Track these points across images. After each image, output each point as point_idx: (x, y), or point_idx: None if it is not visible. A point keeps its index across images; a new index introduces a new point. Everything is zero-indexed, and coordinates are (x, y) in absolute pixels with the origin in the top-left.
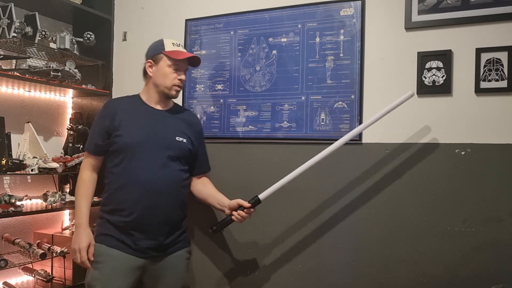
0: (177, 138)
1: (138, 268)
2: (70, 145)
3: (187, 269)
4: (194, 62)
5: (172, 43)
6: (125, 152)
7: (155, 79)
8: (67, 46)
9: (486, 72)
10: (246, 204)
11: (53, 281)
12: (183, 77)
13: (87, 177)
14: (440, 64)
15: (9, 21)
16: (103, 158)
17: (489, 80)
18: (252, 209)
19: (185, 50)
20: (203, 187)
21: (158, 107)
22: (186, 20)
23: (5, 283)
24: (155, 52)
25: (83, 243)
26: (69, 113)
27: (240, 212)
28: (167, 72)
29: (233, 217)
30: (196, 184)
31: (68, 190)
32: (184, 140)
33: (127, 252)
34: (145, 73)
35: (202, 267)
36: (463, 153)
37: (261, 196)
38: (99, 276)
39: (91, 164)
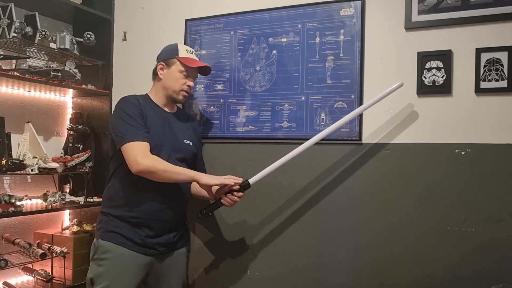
0: (185, 141)
1: (145, 266)
2: (70, 145)
3: (187, 266)
4: (204, 71)
5: (186, 50)
6: None
7: (165, 81)
8: (67, 46)
9: (486, 72)
10: (235, 187)
11: (53, 281)
12: (191, 83)
13: (159, 157)
14: (440, 64)
15: (9, 21)
16: None
17: (489, 80)
18: (241, 193)
19: (197, 58)
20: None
21: (166, 110)
22: (186, 20)
23: (5, 283)
24: (169, 56)
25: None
26: (69, 113)
27: (229, 195)
28: (178, 77)
29: (222, 200)
30: (194, 185)
31: (68, 190)
32: (191, 143)
33: (134, 249)
34: (155, 74)
35: (202, 266)
36: (463, 153)
37: (251, 180)
38: (104, 273)
39: (149, 149)
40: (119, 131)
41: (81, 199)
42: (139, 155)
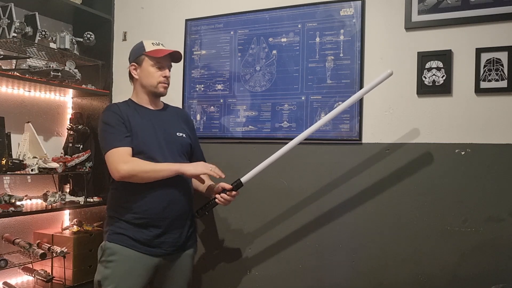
0: (177, 133)
1: (152, 267)
2: (70, 145)
3: (192, 267)
4: (176, 58)
5: (152, 43)
6: (138, 153)
7: (141, 80)
8: (67, 46)
9: (486, 72)
10: (228, 186)
11: (53, 281)
12: (167, 73)
13: (139, 159)
14: (440, 64)
15: (9, 21)
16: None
17: (489, 80)
18: (235, 192)
19: (165, 48)
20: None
21: (152, 108)
22: (186, 20)
23: (5, 283)
24: (137, 54)
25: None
26: (69, 113)
27: (223, 195)
28: (152, 72)
29: (216, 200)
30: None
31: (68, 190)
32: (184, 135)
33: (141, 251)
34: (131, 76)
35: (203, 266)
36: (463, 153)
37: (243, 179)
38: (111, 275)
39: (130, 154)
40: (101, 142)
41: (81, 199)
42: (119, 161)
